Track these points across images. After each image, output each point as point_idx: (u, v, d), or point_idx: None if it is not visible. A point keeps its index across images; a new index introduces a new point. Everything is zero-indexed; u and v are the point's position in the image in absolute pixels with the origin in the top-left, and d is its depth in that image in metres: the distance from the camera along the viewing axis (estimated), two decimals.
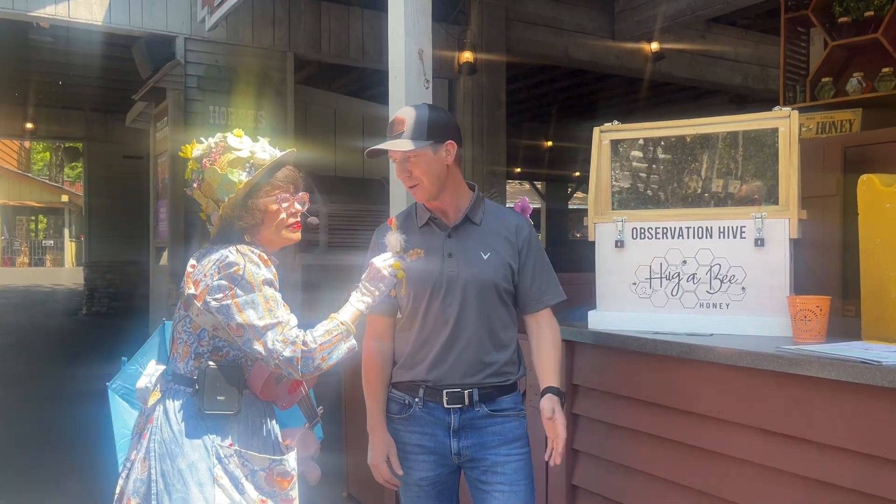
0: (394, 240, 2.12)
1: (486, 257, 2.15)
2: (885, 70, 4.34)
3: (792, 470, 1.99)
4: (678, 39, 8.32)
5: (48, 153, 34.00)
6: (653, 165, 2.77)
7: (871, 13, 4.47)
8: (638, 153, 2.77)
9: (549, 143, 14.47)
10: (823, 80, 4.64)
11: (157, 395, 2.01)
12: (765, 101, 7.53)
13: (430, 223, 2.20)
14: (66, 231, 32.66)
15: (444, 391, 2.14)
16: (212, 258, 1.96)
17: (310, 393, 2.30)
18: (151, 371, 2.07)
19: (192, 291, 1.96)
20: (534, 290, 2.20)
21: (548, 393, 2.12)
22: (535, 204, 18.91)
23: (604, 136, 2.64)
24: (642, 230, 2.53)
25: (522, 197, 3.00)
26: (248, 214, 2.01)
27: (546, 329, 2.21)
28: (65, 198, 29.79)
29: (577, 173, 17.58)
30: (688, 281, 2.46)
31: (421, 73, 3.27)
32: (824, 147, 4.07)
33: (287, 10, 7.29)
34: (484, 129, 7.87)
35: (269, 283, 1.95)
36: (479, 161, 7.82)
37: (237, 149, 2.02)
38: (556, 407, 2.09)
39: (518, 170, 16.29)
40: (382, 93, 3.54)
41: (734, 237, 2.39)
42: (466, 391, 2.13)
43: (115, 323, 12.19)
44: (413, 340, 2.18)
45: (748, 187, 2.52)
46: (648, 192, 2.79)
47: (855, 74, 4.52)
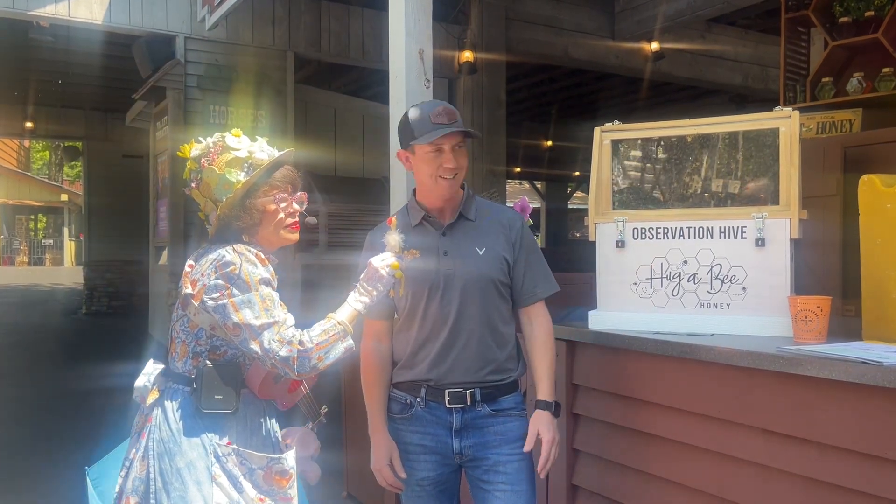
0: (393, 240, 2.11)
1: (481, 252, 2.15)
2: (886, 70, 4.34)
3: (793, 470, 1.99)
4: (678, 39, 8.33)
5: (48, 152, 33.99)
6: (654, 165, 2.77)
7: (871, 13, 4.48)
8: (638, 153, 2.76)
9: (549, 143, 14.48)
10: (824, 80, 4.64)
11: (156, 394, 2.01)
12: (765, 101, 7.53)
13: (423, 222, 2.20)
14: (66, 230, 32.64)
15: (447, 391, 2.13)
16: (209, 258, 1.96)
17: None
18: (150, 370, 2.07)
19: (189, 291, 1.96)
20: (526, 283, 2.20)
21: (536, 409, 2.13)
22: (535, 203, 18.93)
23: (605, 135, 2.64)
24: (643, 230, 2.53)
25: (522, 196, 3.00)
26: (246, 214, 2.01)
27: (538, 327, 2.21)
28: (64, 197, 29.75)
29: (577, 173, 17.61)
30: (688, 281, 2.46)
31: (421, 72, 3.27)
32: (824, 147, 4.06)
33: (287, 10, 7.29)
34: (484, 129, 7.87)
35: (265, 282, 1.95)
36: (479, 160, 7.82)
37: (235, 149, 2.02)
38: (541, 429, 2.11)
39: (518, 169, 16.32)
40: (382, 92, 3.54)
41: (735, 237, 2.39)
42: (469, 391, 2.13)
43: (114, 322, 12.21)
44: (413, 340, 2.17)
45: (754, 184, 2.51)
46: (649, 192, 2.79)
47: (855, 74, 4.52)
